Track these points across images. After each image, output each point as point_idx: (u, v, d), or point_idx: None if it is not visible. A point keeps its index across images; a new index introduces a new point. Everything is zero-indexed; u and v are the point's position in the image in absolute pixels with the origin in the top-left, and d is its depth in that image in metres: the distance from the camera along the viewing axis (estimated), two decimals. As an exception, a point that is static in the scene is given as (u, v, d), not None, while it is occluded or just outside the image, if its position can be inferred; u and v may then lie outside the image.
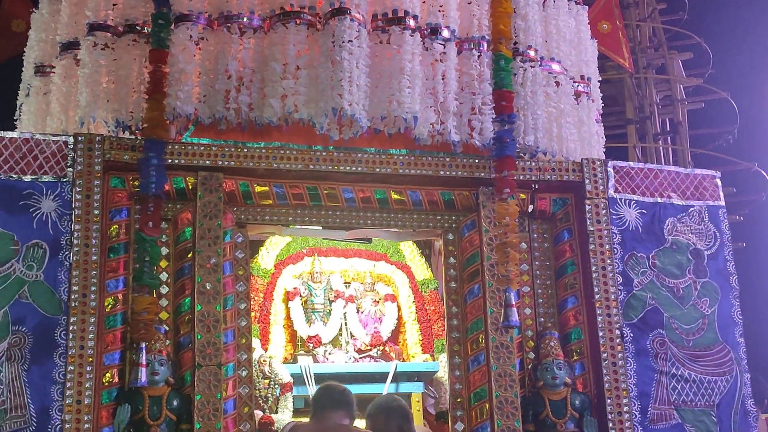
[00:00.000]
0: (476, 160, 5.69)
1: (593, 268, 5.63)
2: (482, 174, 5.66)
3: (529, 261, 5.82)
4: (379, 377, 6.80)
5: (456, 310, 5.65)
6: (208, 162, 5.39)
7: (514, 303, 5.10)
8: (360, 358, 7.23)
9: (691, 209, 5.95)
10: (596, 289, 5.59)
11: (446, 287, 5.74)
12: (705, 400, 5.62)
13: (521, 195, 5.73)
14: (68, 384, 4.85)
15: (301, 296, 7.37)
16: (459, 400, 5.50)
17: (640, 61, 13.56)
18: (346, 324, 7.38)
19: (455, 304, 5.66)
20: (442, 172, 5.64)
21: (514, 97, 5.45)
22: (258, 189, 5.51)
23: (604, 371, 5.47)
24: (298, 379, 6.71)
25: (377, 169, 5.57)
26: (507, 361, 5.39)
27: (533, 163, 5.79)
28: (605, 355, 5.50)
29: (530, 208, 5.83)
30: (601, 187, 5.78)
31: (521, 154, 5.77)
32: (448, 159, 5.66)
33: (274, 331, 7.21)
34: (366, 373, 6.91)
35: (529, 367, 5.60)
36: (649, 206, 5.87)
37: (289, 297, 7.35)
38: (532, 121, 5.73)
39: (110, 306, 5.11)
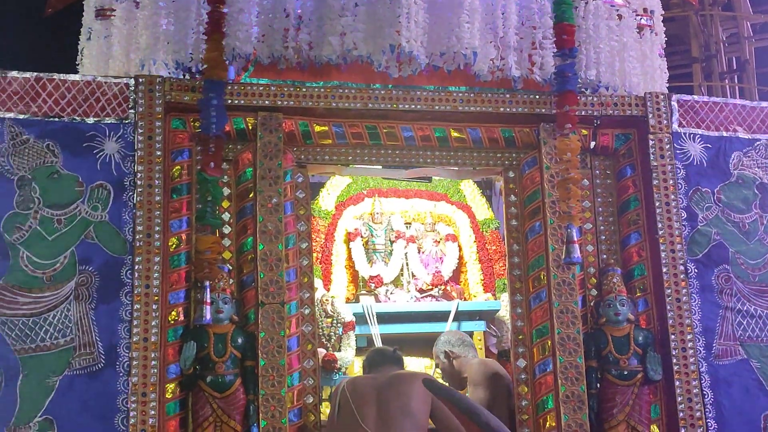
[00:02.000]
0: (537, 96, 5.62)
1: (656, 204, 5.54)
2: (543, 110, 5.59)
3: (591, 198, 5.75)
4: (441, 316, 6.83)
5: (517, 247, 5.62)
6: (267, 102, 5.40)
7: (576, 240, 5.05)
8: (421, 297, 7.25)
9: (758, 143, 5.81)
10: (660, 225, 5.52)
11: (507, 225, 5.71)
12: (771, 336, 5.56)
13: (583, 131, 5.65)
14: (135, 322, 4.95)
15: (362, 237, 7.40)
16: (521, 337, 5.49)
17: (706, -2, 13.24)
18: (407, 264, 7.41)
19: (516, 241, 5.64)
20: (502, 109, 5.58)
21: (575, 30, 5.34)
22: (317, 129, 5.51)
23: (668, 307, 5.41)
24: (361, 319, 6.77)
25: (436, 107, 5.53)
26: (569, 298, 5.36)
27: (595, 98, 5.69)
28: (669, 291, 5.43)
29: (592, 144, 5.75)
30: (665, 122, 5.68)
31: (583, 89, 5.69)
32: (508, 95, 5.60)
33: (336, 271, 7.27)
34: (428, 312, 6.93)
35: (592, 303, 5.56)
36: (714, 140, 5.75)
37: (350, 238, 7.40)
38: (594, 55, 5.63)
39: (174, 246, 5.18)
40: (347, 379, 5.11)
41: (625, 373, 5.37)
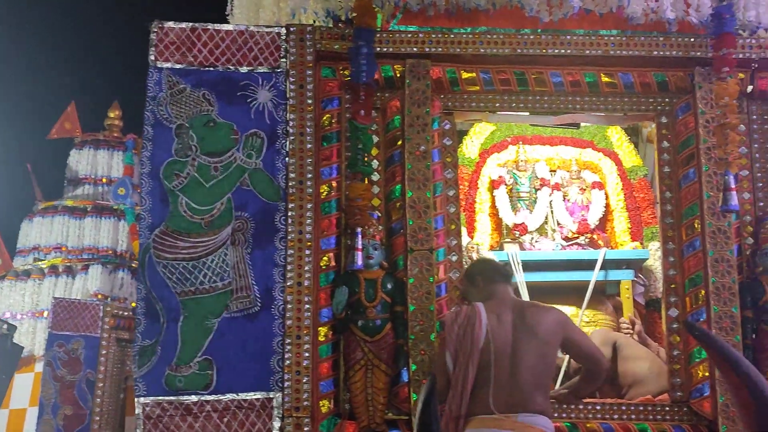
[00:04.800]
0: (692, 39, 5.44)
1: (817, 150, 5.34)
2: (698, 53, 5.42)
3: (748, 144, 5.56)
4: (587, 264, 6.73)
5: (670, 195, 5.49)
6: (415, 49, 5.40)
7: (733, 186, 4.92)
8: (567, 245, 7.18)
9: None
10: (820, 171, 5.32)
11: (659, 172, 5.58)
12: None
13: (740, 75, 5.44)
14: (288, 267, 5.07)
15: (506, 185, 7.35)
16: (673, 286, 5.39)
17: None
18: (552, 212, 7.33)
19: (669, 189, 5.51)
20: (655, 53, 5.43)
21: (733, -30, 5.18)
22: (465, 75, 5.49)
23: (830, 256, 5.23)
24: (506, 266, 6.74)
25: (587, 52, 5.43)
26: (724, 247, 5.22)
27: (753, 40, 5.48)
28: (831, 239, 5.25)
29: (749, 88, 5.54)
30: (827, 64, 5.44)
31: (740, 31, 5.49)
32: (662, 38, 5.44)
33: (480, 219, 7.25)
34: (574, 260, 6.86)
35: (748, 252, 5.41)
36: None
37: (494, 185, 7.35)
38: (754, -4, 5.44)
39: (325, 193, 5.26)
40: (484, 314, 4.64)
41: (783, 323, 5.23)
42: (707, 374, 5.14)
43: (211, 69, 5.26)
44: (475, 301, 4.73)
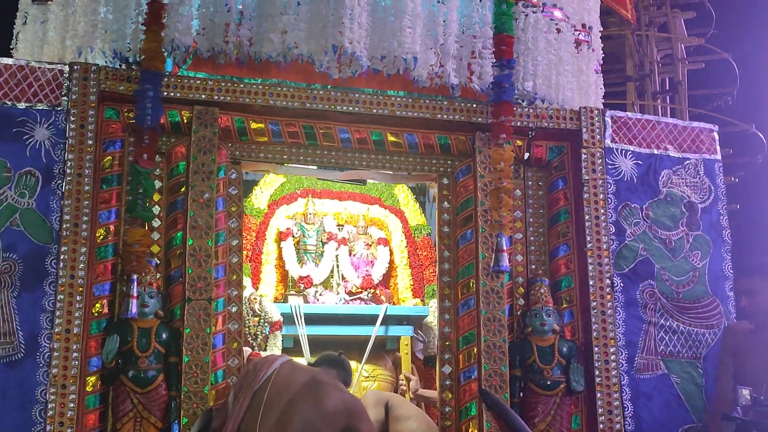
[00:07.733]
0: (474, 105, 5.65)
1: (586, 217, 5.62)
2: (479, 119, 5.63)
3: (523, 208, 5.81)
4: (369, 320, 6.83)
5: (448, 254, 5.64)
6: (204, 96, 5.34)
7: (505, 249, 5.09)
8: (350, 300, 7.25)
9: (687, 162, 5.94)
10: (588, 238, 5.59)
11: (439, 231, 5.73)
12: (692, 352, 5.66)
13: (517, 142, 5.72)
14: (57, 312, 4.85)
15: (293, 237, 7.37)
16: (447, 343, 5.52)
17: (642, 19, 13.46)
18: (337, 266, 7.40)
19: (447, 248, 5.66)
20: (439, 116, 5.60)
21: (514, 42, 5.38)
22: (254, 126, 5.47)
23: (593, 320, 5.49)
24: (288, 319, 6.74)
25: (374, 110, 5.53)
26: (497, 306, 5.40)
27: (531, 110, 5.75)
28: (594, 303, 5.51)
29: (526, 155, 5.81)
30: (598, 137, 5.76)
31: (519, 101, 5.74)
32: (445, 102, 5.62)
33: (266, 270, 7.23)
34: (356, 315, 6.93)
35: (519, 313, 5.61)
36: (645, 157, 5.86)
37: (281, 237, 7.36)
38: (532, 68, 5.68)
39: (102, 237, 5.09)
40: (283, 362, 4.71)
41: (549, 383, 5.42)
42: (476, 431, 5.27)
43: (-14, 103, 5.03)
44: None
